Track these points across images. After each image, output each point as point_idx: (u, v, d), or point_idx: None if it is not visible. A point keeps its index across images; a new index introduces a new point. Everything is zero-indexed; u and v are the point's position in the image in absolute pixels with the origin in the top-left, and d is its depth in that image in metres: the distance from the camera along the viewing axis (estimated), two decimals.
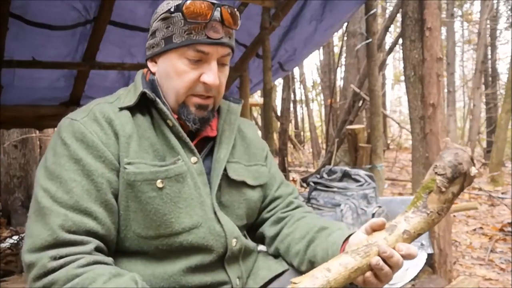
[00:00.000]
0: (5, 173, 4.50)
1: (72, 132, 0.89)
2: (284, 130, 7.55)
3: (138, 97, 0.95)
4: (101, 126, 0.91)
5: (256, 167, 1.11)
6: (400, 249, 0.76)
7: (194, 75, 0.94)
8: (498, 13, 12.34)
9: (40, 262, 0.79)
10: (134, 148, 0.91)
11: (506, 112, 7.00)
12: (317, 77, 14.61)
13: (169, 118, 0.94)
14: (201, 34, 0.92)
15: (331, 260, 0.75)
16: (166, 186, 0.91)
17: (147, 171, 0.90)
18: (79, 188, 0.85)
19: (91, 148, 0.88)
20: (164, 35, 0.95)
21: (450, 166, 0.76)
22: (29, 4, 2.62)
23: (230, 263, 0.99)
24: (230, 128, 1.06)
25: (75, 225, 0.82)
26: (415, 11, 2.78)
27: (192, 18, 0.91)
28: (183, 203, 0.93)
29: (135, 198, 0.89)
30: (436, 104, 2.51)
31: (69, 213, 0.83)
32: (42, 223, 0.82)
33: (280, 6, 3.24)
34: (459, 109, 15.54)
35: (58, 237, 0.81)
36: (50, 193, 0.84)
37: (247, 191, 1.06)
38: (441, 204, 0.76)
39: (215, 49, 0.94)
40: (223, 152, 1.02)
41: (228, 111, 1.08)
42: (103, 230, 0.86)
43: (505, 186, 6.73)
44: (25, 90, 3.27)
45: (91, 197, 0.85)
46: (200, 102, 0.96)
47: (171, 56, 0.95)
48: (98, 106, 0.94)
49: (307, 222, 1.07)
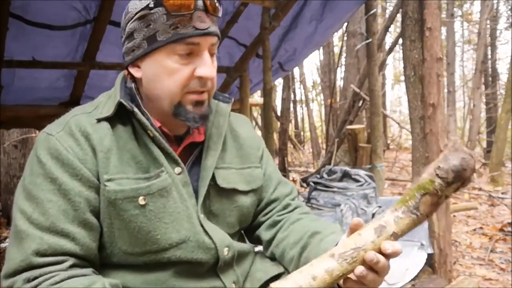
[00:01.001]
0: (5, 173, 4.50)
1: (47, 149, 0.85)
2: (284, 130, 7.55)
3: (115, 108, 0.89)
4: (77, 141, 0.86)
5: (249, 170, 1.05)
6: (386, 249, 0.71)
7: (187, 71, 0.88)
8: (498, 13, 12.34)
9: (15, 286, 0.79)
10: (114, 163, 0.87)
11: (506, 112, 7.00)
12: (317, 77, 14.61)
13: (149, 128, 0.88)
14: (188, 27, 0.86)
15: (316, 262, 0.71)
16: (149, 203, 0.87)
17: (128, 188, 0.86)
18: (56, 208, 0.82)
19: (66, 166, 0.84)
20: (146, 35, 0.88)
21: (454, 171, 0.69)
22: (29, 4, 2.62)
23: (223, 270, 0.96)
24: (218, 132, 1.00)
25: (50, 248, 0.80)
26: (415, 11, 2.77)
27: (175, 11, 0.85)
28: (168, 217, 0.89)
29: (117, 216, 0.86)
30: (436, 104, 2.51)
31: (45, 235, 0.80)
32: (18, 247, 0.81)
33: (280, 6, 3.24)
34: (459, 109, 15.54)
35: (31, 262, 0.79)
36: (27, 215, 0.82)
37: (238, 197, 1.01)
38: (432, 206, 0.72)
39: (204, 39, 0.88)
40: (210, 159, 0.97)
41: (216, 112, 1.02)
42: (82, 250, 0.83)
43: (505, 186, 6.73)
44: (25, 90, 3.27)
45: (68, 217, 0.82)
46: (196, 99, 0.90)
47: (157, 56, 0.88)
48: (74, 119, 0.89)
49: (302, 225, 1.02)
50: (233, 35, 3.55)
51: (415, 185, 0.73)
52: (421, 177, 0.73)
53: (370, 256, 0.70)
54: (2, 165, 4.49)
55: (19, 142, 4.54)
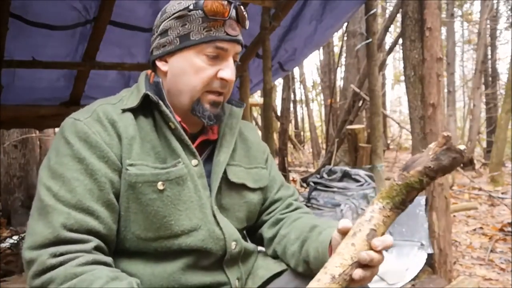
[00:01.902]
0: (5, 173, 4.50)
1: (75, 132, 0.89)
2: (284, 130, 7.55)
3: (141, 99, 0.95)
4: (104, 127, 0.91)
5: (257, 170, 1.11)
6: (376, 246, 0.75)
7: (211, 71, 0.96)
8: (498, 13, 12.34)
9: (40, 259, 0.80)
10: (136, 150, 0.92)
11: (506, 112, 7.01)
12: (317, 77, 14.61)
13: (171, 120, 0.95)
14: (220, 31, 0.95)
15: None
16: (167, 188, 0.92)
17: (149, 173, 0.91)
18: (82, 187, 0.85)
19: (94, 148, 0.88)
20: (180, 33, 0.96)
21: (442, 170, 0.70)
22: (29, 4, 2.62)
23: (229, 265, 0.99)
24: (231, 132, 1.07)
25: (77, 223, 0.83)
26: (415, 11, 2.78)
27: (212, 15, 0.93)
28: (183, 205, 0.93)
29: (136, 200, 0.90)
30: (436, 104, 2.51)
31: (72, 211, 0.83)
32: (44, 221, 0.83)
33: (280, 6, 3.24)
34: (459, 109, 15.54)
35: (59, 235, 0.81)
36: (53, 192, 0.85)
37: (247, 193, 1.07)
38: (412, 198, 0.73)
39: (232, 45, 0.97)
40: (223, 156, 1.03)
41: (230, 115, 1.09)
42: (105, 229, 0.86)
43: (505, 186, 6.73)
44: (25, 90, 3.27)
45: (94, 196, 0.86)
46: (214, 99, 0.98)
47: (187, 53, 0.96)
48: (101, 107, 0.95)
49: (302, 222, 1.07)
50: None
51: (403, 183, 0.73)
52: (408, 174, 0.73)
53: (363, 257, 0.74)
54: (2, 165, 4.49)
55: (19, 142, 4.54)
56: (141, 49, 3.32)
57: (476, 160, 9.77)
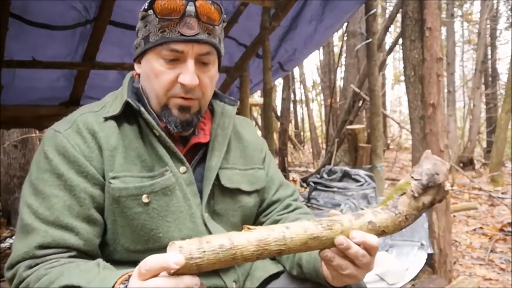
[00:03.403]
0: (5, 173, 4.50)
1: (54, 145, 0.87)
2: (284, 130, 7.55)
3: (122, 107, 0.91)
4: (84, 139, 0.88)
5: (253, 171, 1.07)
6: (353, 237, 0.71)
7: (170, 76, 0.89)
8: (498, 13, 12.34)
9: (17, 273, 0.81)
10: (119, 161, 0.88)
11: (506, 112, 7.01)
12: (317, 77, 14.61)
13: (155, 128, 0.90)
14: (173, 31, 0.87)
15: (292, 222, 0.72)
16: (153, 201, 0.88)
17: (132, 186, 0.87)
18: (61, 203, 0.84)
19: (72, 163, 0.86)
20: (144, 35, 0.91)
21: (427, 174, 0.76)
22: (29, 4, 2.62)
23: (224, 270, 0.97)
24: (223, 133, 1.01)
25: (54, 241, 0.82)
26: (415, 11, 2.78)
27: (164, 14, 0.86)
28: (171, 216, 0.90)
29: (121, 213, 0.88)
30: (436, 104, 2.51)
31: (49, 229, 0.82)
32: (22, 240, 0.83)
33: (280, 6, 3.24)
34: (459, 109, 15.53)
35: (34, 254, 0.82)
36: (33, 209, 0.84)
37: (242, 197, 1.02)
38: (411, 209, 0.76)
39: (189, 46, 0.88)
40: (215, 160, 0.98)
41: (222, 114, 1.03)
42: (85, 245, 0.85)
43: (505, 186, 6.73)
44: (25, 90, 3.27)
45: (73, 213, 0.84)
46: (181, 103, 0.90)
47: (149, 56, 0.91)
48: (82, 117, 0.91)
49: None
50: (233, 35, 3.55)
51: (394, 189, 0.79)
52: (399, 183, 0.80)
53: (339, 240, 0.71)
54: (2, 165, 4.49)
55: (19, 142, 4.54)
56: None
57: (476, 160, 9.77)
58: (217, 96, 1.07)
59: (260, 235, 0.67)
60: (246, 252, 0.65)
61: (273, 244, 0.67)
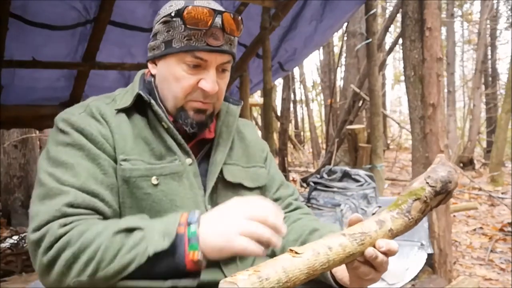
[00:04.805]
0: (5, 173, 4.50)
1: (70, 125, 0.89)
2: (284, 130, 7.55)
3: (133, 98, 0.94)
4: (99, 121, 0.91)
5: (255, 169, 1.10)
6: (380, 246, 0.75)
7: (192, 81, 0.93)
8: (498, 13, 12.35)
9: (50, 232, 0.77)
10: (130, 145, 0.91)
11: (506, 112, 7.01)
12: (317, 77, 14.61)
13: (164, 120, 0.94)
14: (200, 41, 0.91)
15: (329, 237, 0.74)
16: (161, 183, 0.91)
17: (143, 168, 0.90)
18: (86, 171, 0.85)
19: (90, 140, 0.88)
20: (165, 39, 0.94)
21: (441, 181, 0.79)
22: (29, 4, 2.62)
23: (226, 264, 0.98)
24: (227, 131, 1.05)
25: (84, 202, 0.82)
26: (415, 11, 2.77)
27: (192, 24, 0.90)
28: (180, 201, 0.92)
29: (130, 194, 0.89)
30: (436, 104, 2.51)
31: (78, 192, 0.82)
32: (49, 203, 0.80)
33: (280, 6, 3.24)
34: (459, 109, 15.54)
35: (66, 212, 0.79)
36: (56, 177, 0.83)
37: (244, 193, 1.04)
38: (419, 213, 0.79)
39: (214, 56, 0.93)
40: (219, 155, 1.01)
41: (227, 113, 1.07)
42: (110, 212, 0.86)
43: (505, 186, 6.73)
44: (25, 90, 3.27)
45: (97, 180, 0.85)
46: (199, 107, 0.95)
47: (170, 60, 0.94)
48: (95, 103, 0.95)
49: (302, 224, 1.05)
50: None
51: (407, 192, 0.81)
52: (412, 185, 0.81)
53: (369, 252, 0.74)
54: (2, 165, 4.50)
55: (19, 142, 4.54)
56: (141, 49, 3.32)
57: (476, 160, 9.78)
58: None
59: (309, 262, 0.68)
60: (297, 281, 0.67)
61: (319, 268, 0.69)
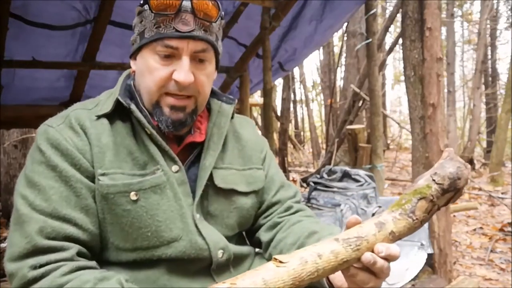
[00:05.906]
0: (5, 173, 4.50)
1: (47, 139, 0.86)
2: (284, 130, 7.55)
3: (113, 105, 0.90)
4: (77, 133, 0.88)
5: (251, 172, 1.04)
6: (379, 251, 0.69)
7: (165, 72, 0.88)
8: (498, 13, 12.35)
9: (20, 272, 0.77)
10: (109, 158, 0.87)
11: (506, 112, 7.01)
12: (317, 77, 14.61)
13: (146, 126, 0.89)
14: (169, 27, 0.85)
15: (321, 243, 0.69)
16: (141, 198, 0.87)
17: (120, 183, 0.86)
18: (57, 194, 0.82)
19: (66, 156, 0.85)
20: (139, 30, 0.90)
21: (449, 178, 0.72)
22: (29, 4, 2.62)
23: (218, 272, 0.95)
24: (219, 132, 0.99)
25: (54, 231, 0.80)
26: (415, 11, 2.77)
27: (159, 10, 0.85)
28: (162, 215, 0.88)
29: (110, 211, 0.86)
30: (436, 104, 2.51)
31: (48, 219, 0.80)
32: (21, 231, 0.80)
33: (280, 6, 3.24)
34: (459, 109, 15.54)
35: (36, 244, 0.78)
36: (29, 201, 0.82)
37: (237, 198, 1.00)
38: (425, 213, 0.72)
39: (185, 43, 0.86)
40: (209, 159, 0.96)
41: (219, 113, 1.01)
42: (84, 236, 0.83)
43: (505, 186, 6.73)
44: (25, 90, 3.27)
45: (70, 203, 0.83)
46: (173, 103, 0.89)
47: (144, 52, 0.90)
48: (75, 113, 0.91)
49: (301, 227, 1.00)
50: (233, 35, 3.55)
51: (412, 190, 0.74)
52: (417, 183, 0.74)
53: (367, 257, 0.68)
54: (2, 165, 4.49)
55: (19, 142, 4.54)
56: None
57: (476, 160, 9.77)
58: (215, 94, 1.05)
59: (295, 272, 0.63)
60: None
61: (306, 279, 0.64)
